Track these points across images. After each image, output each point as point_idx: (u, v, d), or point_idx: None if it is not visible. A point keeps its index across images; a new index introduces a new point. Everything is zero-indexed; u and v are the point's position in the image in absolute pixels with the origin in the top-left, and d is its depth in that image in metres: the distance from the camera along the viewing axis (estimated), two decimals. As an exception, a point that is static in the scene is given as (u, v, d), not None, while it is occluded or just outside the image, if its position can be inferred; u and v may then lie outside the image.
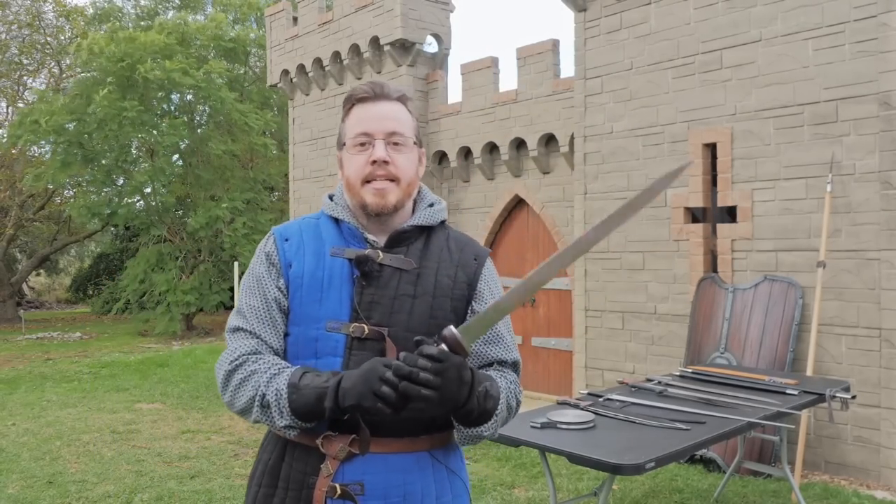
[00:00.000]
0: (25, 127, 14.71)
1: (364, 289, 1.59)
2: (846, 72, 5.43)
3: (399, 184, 1.62)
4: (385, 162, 1.59)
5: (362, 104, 1.64)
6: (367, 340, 1.56)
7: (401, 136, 1.62)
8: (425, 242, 1.67)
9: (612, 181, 7.00)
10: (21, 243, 24.23)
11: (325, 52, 10.77)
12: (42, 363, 11.84)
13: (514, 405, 1.67)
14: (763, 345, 5.69)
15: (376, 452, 1.54)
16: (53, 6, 20.50)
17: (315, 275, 1.61)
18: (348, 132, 1.65)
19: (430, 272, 1.63)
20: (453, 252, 1.69)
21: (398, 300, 1.59)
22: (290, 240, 1.67)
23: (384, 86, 1.65)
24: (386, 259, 1.61)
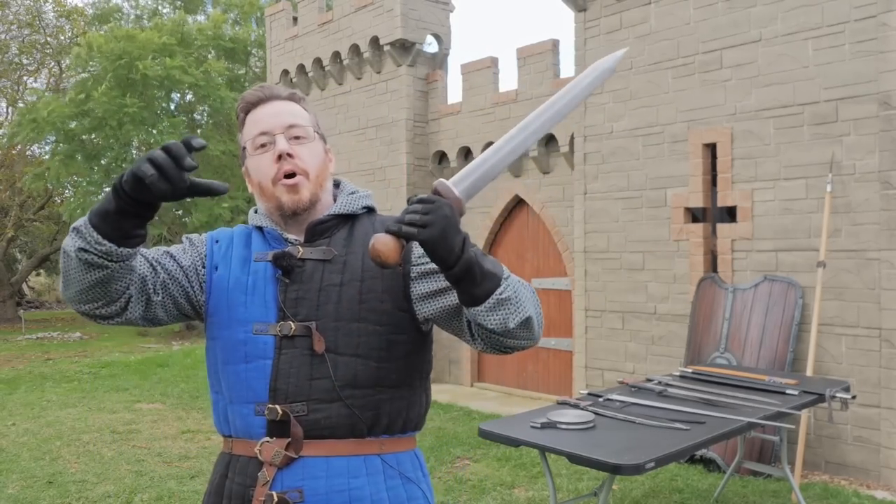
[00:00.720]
0: (25, 125, 14.73)
1: (288, 286, 1.53)
2: (846, 72, 5.43)
3: (309, 177, 1.56)
4: (290, 155, 1.53)
5: (254, 109, 1.60)
6: (295, 338, 1.48)
7: (300, 129, 1.58)
8: (349, 231, 1.60)
9: (612, 181, 7.00)
10: (21, 243, 24.24)
11: (325, 52, 10.77)
12: (42, 363, 11.84)
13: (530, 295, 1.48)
14: (763, 345, 5.69)
15: (317, 456, 1.45)
16: (53, 6, 20.51)
17: (240, 280, 1.57)
18: (246, 137, 1.59)
19: (355, 258, 1.55)
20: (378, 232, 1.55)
21: (324, 291, 1.51)
22: (220, 242, 1.65)
23: (272, 87, 1.63)
24: (306, 253, 1.55)
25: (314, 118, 1.64)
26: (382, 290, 1.51)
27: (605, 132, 7.04)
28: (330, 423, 1.46)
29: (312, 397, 1.46)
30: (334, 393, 1.46)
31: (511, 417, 3.84)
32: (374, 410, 1.49)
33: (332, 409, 1.46)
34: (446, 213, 1.30)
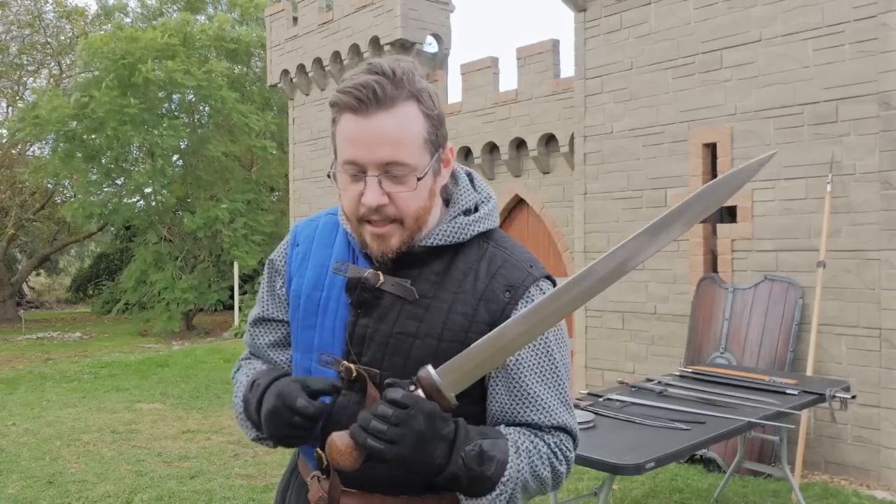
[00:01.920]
0: (27, 122, 14.74)
1: (358, 318, 1.29)
2: (846, 72, 5.43)
3: (403, 224, 1.25)
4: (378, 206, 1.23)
5: (353, 115, 1.22)
6: (356, 382, 1.27)
7: (401, 168, 1.21)
8: (449, 263, 1.30)
9: (612, 181, 7.00)
10: (21, 243, 24.22)
11: (325, 52, 10.77)
12: (42, 363, 11.84)
13: (546, 474, 1.26)
14: (763, 345, 5.69)
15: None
16: (54, 6, 20.51)
17: (312, 296, 1.35)
18: (339, 146, 1.26)
19: (441, 305, 1.27)
20: (481, 279, 1.28)
21: (395, 339, 1.26)
22: (300, 245, 1.41)
23: (379, 87, 1.20)
24: (387, 283, 1.28)
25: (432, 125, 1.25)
26: None
27: (605, 132, 7.04)
28: (383, 480, 1.27)
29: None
30: None
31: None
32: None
33: (382, 468, 1.21)
34: (419, 426, 1.11)
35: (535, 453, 1.25)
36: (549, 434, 1.29)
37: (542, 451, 1.26)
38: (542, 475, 1.26)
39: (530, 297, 1.28)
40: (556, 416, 1.29)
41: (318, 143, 11.35)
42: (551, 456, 1.28)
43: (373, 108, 1.20)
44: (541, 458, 1.26)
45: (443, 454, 1.15)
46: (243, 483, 5.30)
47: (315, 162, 11.43)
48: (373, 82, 1.20)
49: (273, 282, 1.45)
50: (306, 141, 11.63)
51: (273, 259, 1.46)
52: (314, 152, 11.46)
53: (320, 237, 1.40)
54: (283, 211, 17.27)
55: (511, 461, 1.21)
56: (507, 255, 1.32)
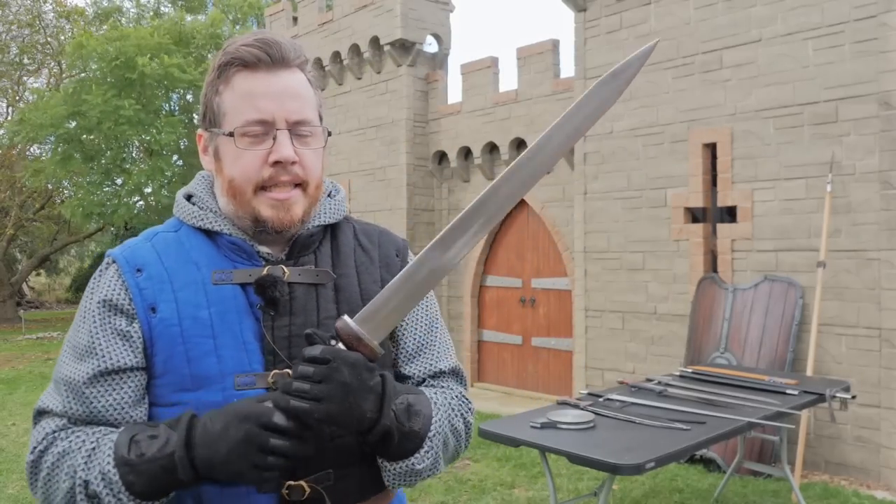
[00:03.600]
0: (25, 122, 14.75)
1: (275, 320, 1.17)
2: (846, 72, 5.43)
3: (306, 189, 1.20)
4: (292, 162, 1.16)
5: (251, 73, 1.17)
6: None
7: (309, 126, 1.19)
8: (333, 244, 1.28)
9: (612, 181, 7.00)
10: (21, 243, 24.23)
11: (325, 52, 10.77)
12: (42, 363, 11.84)
13: (460, 426, 1.27)
14: (763, 345, 5.69)
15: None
16: (54, 6, 20.51)
17: (197, 317, 1.15)
18: (231, 112, 1.17)
19: (350, 280, 1.25)
20: (369, 250, 1.31)
21: (323, 325, 1.19)
22: (145, 270, 1.18)
23: (281, 45, 1.18)
24: (294, 275, 1.20)
25: (318, 95, 1.25)
26: None
27: (605, 132, 7.05)
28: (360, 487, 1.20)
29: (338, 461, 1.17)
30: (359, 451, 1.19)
31: (511, 417, 3.84)
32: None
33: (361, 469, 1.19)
34: (344, 378, 1.03)
35: (447, 406, 1.25)
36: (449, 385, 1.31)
37: (452, 403, 1.27)
38: (458, 427, 1.26)
39: (410, 257, 1.34)
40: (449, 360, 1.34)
41: (318, 143, 11.35)
42: (460, 406, 1.29)
43: (279, 64, 1.18)
44: (453, 410, 1.26)
45: (373, 407, 1.08)
46: (243, 483, 5.30)
47: (315, 162, 11.44)
48: (274, 41, 1.18)
49: (114, 323, 1.15)
50: (306, 141, 11.63)
51: (106, 299, 1.17)
52: (314, 152, 11.46)
53: (168, 256, 1.20)
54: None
55: (434, 415, 1.19)
56: (376, 227, 1.38)
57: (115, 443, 1.08)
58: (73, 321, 1.21)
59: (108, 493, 1.06)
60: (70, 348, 1.18)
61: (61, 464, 1.10)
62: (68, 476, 1.08)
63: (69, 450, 1.10)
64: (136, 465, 1.05)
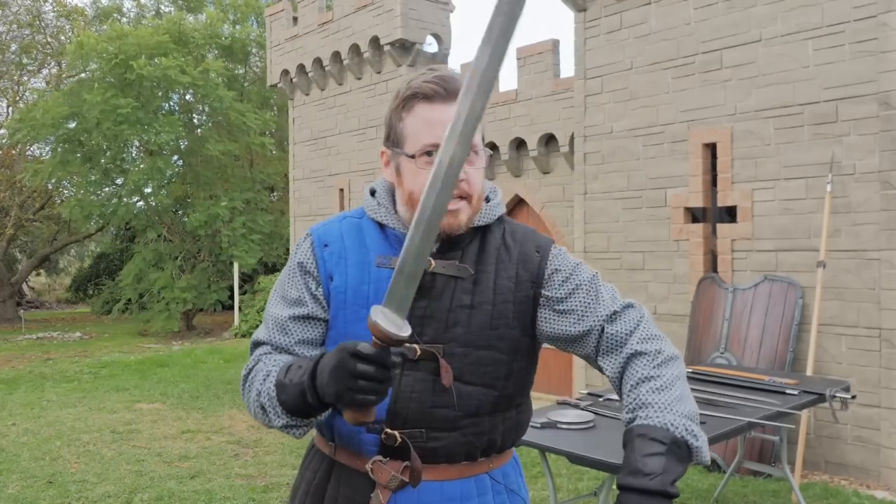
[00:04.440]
0: (25, 122, 14.75)
1: (415, 302, 1.34)
2: (846, 72, 5.43)
3: (471, 201, 1.42)
4: (461, 180, 1.38)
5: (429, 104, 1.40)
6: (419, 361, 1.39)
7: (474, 149, 1.40)
8: (481, 243, 1.48)
9: (612, 181, 7.00)
10: (21, 243, 24.23)
11: (325, 52, 10.78)
12: (42, 363, 11.84)
13: (686, 395, 1.47)
14: (763, 345, 5.69)
15: (432, 480, 1.41)
16: (54, 6, 20.52)
17: (360, 290, 1.43)
18: (411, 136, 1.41)
19: (487, 276, 1.44)
20: (511, 248, 1.48)
21: (453, 313, 1.41)
22: (330, 246, 1.49)
23: (456, 80, 1.40)
24: (438, 267, 1.41)
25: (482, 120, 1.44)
26: (513, 316, 1.45)
27: (605, 132, 7.04)
28: (447, 452, 1.42)
29: (432, 425, 1.40)
30: (455, 422, 1.41)
31: (511, 417, 3.83)
32: (490, 436, 1.46)
33: (451, 438, 1.41)
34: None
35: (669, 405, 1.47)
36: (628, 324, 1.47)
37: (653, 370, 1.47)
38: (684, 395, 1.49)
39: (553, 254, 1.49)
40: (618, 301, 1.49)
41: (318, 143, 11.35)
42: (661, 351, 1.50)
43: (453, 96, 1.37)
44: (671, 378, 1.50)
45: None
46: (243, 483, 5.30)
47: (315, 162, 11.43)
48: (449, 76, 1.41)
49: (307, 283, 1.49)
50: (306, 141, 11.63)
51: (302, 262, 1.50)
52: (314, 152, 11.46)
53: (349, 238, 1.49)
54: (283, 210, 17.28)
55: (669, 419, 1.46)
56: (524, 228, 1.55)
57: (279, 368, 1.39)
58: (282, 274, 1.55)
59: (269, 405, 1.38)
60: (279, 296, 1.52)
61: (255, 378, 1.44)
62: (255, 388, 1.42)
63: (261, 369, 1.44)
64: (285, 387, 1.34)
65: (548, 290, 1.46)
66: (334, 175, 11.07)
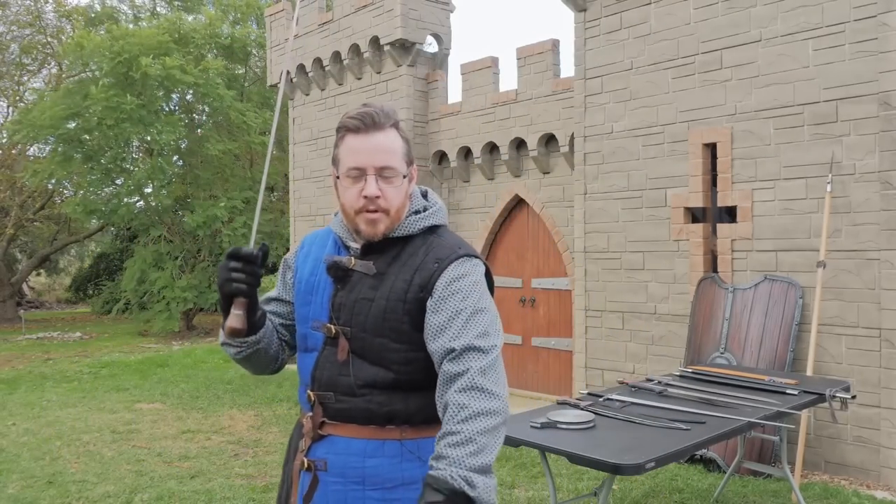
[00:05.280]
0: (24, 123, 14.74)
1: (337, 292, 1.77)
2: (846, 72, 5.43)
3: (389, 213, 1.73)
4: (376, 197, 1.70)
5: (354, 135, 1.73)
6: (336, 338, 1.75)
7: (391, 171, 1.72)
8: (401, 249, 1.77)
9: (612, 181, 7.00)
10: (21, 243, 24.22)
11: (325, 52, 10.77)
12: (42, 363, 11.84)
13: (482, 440, 1.53)
14: (763, 345, 5.69)
15: (342, 436, 1.73)
16: (54, 6, 20.51)
17: (309, 280, 1.83)
18: (342, 161, 1.75)
19: (390, 277, 1.73)
20: (419, 256, 1.75)
21: (359, 303, 1.73)
22: (305, 247, 1.92)
23: (374, 115, 1.72)
24: (358, 265, 1.76)
25: (407, 146, 1.77)
26: (403, 313, 1.70)
27: (605, 132, 7.05)
28: (351, 414, 1.72)
29: (338, 390, 1.73)
30: (354, 390, 1.72)
31: (511, 417, 3.84)
32: (390, 407, 1.70)
33: (353, 402, 1.72)
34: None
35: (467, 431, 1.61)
36: (464, 358, 1.65)
37: (462, 415, 1.61)
38: (481, 429, 1.59)
39: (450, 269, 1.70)
40: (462, 339, 1.65)
41: (318, 143, 11.35)
42: (477, 405, 1.63)
43: (371, 129, 1.72)
44: (466, 420, 1.61)
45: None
46: (243, 483, 5.30)
47: (315, 162, 11.43)
48: (370, 112, 1.72)
49: (284, 274, 1.95)
50: (306, 141, 11.63)
51: (287, 258, 1.97)
52: (314, 152, 11.46)
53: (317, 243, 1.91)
54: (283, 210, 17.27)
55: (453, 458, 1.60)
56: (442, 241, 1.78)
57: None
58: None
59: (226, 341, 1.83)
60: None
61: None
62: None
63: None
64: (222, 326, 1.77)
65: (432, 299, 1.68)
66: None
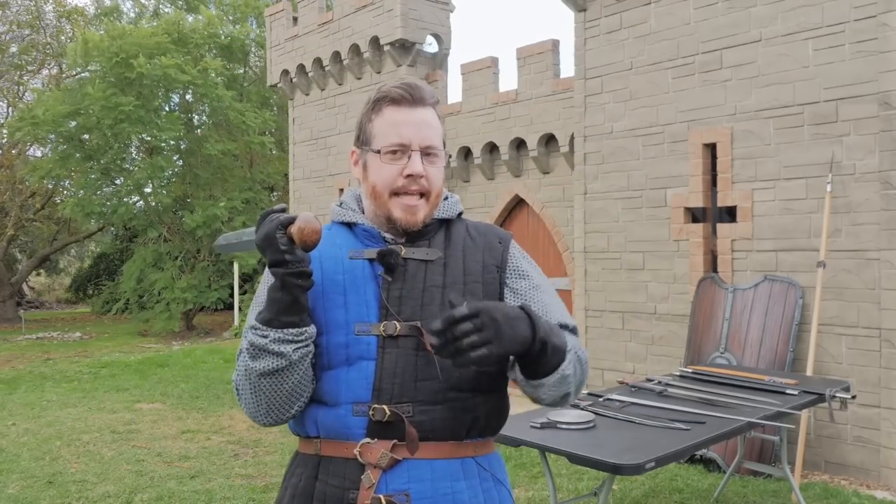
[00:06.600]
0: (26, 122, 14.75)
1: (391, 284, 1.51)
2: (846, 72, 5.43)
3: (429, 198, 1.54)
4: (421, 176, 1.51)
5: (396, 107, 1.54)
6: (399, 337, 1.47)
7: (435, 149, 1.55)
8: (446, 234, 1.60)
9: (612, 181, 7.00)
10: (21, 243, 24.23)
11: (325, 52, 10.77)
12: (42, 363, 11.84)
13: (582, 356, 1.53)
14: (763, 345, 5.69)
15: (421, 458, 1.44)
16: (54, 6, 20.51)
17: (334, 279, 1.53)
18: (379, 135, 1.54)
19: (456, 260, 1.56)
20: (476, 238, 1.61)
21: (427, 292, 1.51)
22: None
23: (421, 89, 1.56)
24: (409, 252, 1.53)
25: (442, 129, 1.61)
26: (483, 295, 1.54)
27: (605, 132, 7.04)
28: (434, 426, 1.45)
29: (418, 398, 1.44)
30: (441, 395, 1.45)
31: (511, 417, 3.84)
32: (473, 413, 1.48)
33: (437, 412, 1.45)
34: (498, 316, 1.28)
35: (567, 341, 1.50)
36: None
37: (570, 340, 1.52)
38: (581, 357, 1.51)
39: (513, 248, 1.63)
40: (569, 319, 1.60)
41: (318, 143, 11.35)
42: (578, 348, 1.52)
43: (418, 102, 1.54)
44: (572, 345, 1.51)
45: (526, 327, 1.32)
46: (243, 483, 5.30)
47: (315, 162, 11.43)
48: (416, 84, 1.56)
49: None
50: (306, 141, 11.63)
51: None
52: (314, 152, 11.46)
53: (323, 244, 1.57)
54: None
55: (564, 336, 1.46)
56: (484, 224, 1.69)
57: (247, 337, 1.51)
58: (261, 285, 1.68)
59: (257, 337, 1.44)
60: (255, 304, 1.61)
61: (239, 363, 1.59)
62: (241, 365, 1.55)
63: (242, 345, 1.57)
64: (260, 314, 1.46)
65: (510, 280, 1.58)
66: (334, 175, 11.07)
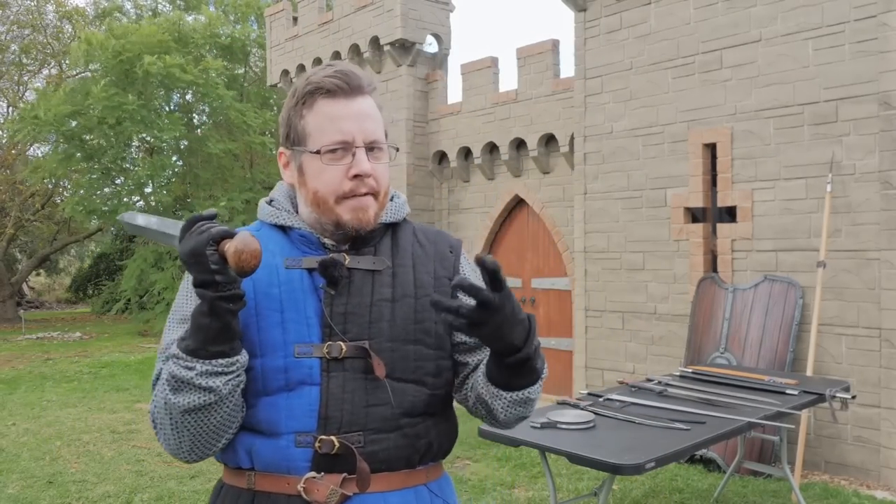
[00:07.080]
0: (26, 122, 14.75)
1: (334, 299, 1.33)
2: (846, 72, 5.43)
3: (378, 197, 1.37)
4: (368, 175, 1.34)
5: (332, 99, 1.34)
6: (345, 360, 1.31)
7: (380, 143, 1.37)
8: (393, 239, 1.44)
9: (612, 181, 7.00)
10: (21, 243, 24.23)
11: (325, 52, 10.77)
12: (42, 363, 11.84)
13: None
14: (763, 345, 5.69)
15: (374, 492, 1.30)
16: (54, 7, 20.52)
17: (269, 293, 1.33)
18: (315, 133, 1.35)
19: (406, 270, 1.40)
20: (426, 246, 1.46)
21: (375, 307, 1.34)
22: None
23: (358, 76, 1.36)
24: (353, 262, 1.36)
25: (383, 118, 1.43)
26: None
27: (605, 132, 7.04)
28: (388, 455, 1.32)
29: (369, 426, 1.30)
30: (393, 422, 1.32)
31: (511, 417, 3.83)
32: (427, 438, 1.36)
33: (391, 440, 1.32)
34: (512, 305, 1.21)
35: None
36: None
37: None
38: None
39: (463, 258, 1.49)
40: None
41: (318, 143, 11.36)
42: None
43: (356, 91, 1.35)
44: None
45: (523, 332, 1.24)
46: (243, 483, 5.30)
47: (315, 162, 11.44)
48: (350, 71, 1.37)
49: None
50: (306, 141, 11.63)
51: None
52: (314, 152, 11.46)
53: None
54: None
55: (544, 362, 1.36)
56: (432, 229, 1.53)
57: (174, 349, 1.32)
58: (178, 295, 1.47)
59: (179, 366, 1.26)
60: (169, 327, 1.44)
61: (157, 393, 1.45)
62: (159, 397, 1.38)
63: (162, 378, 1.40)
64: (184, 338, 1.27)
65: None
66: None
